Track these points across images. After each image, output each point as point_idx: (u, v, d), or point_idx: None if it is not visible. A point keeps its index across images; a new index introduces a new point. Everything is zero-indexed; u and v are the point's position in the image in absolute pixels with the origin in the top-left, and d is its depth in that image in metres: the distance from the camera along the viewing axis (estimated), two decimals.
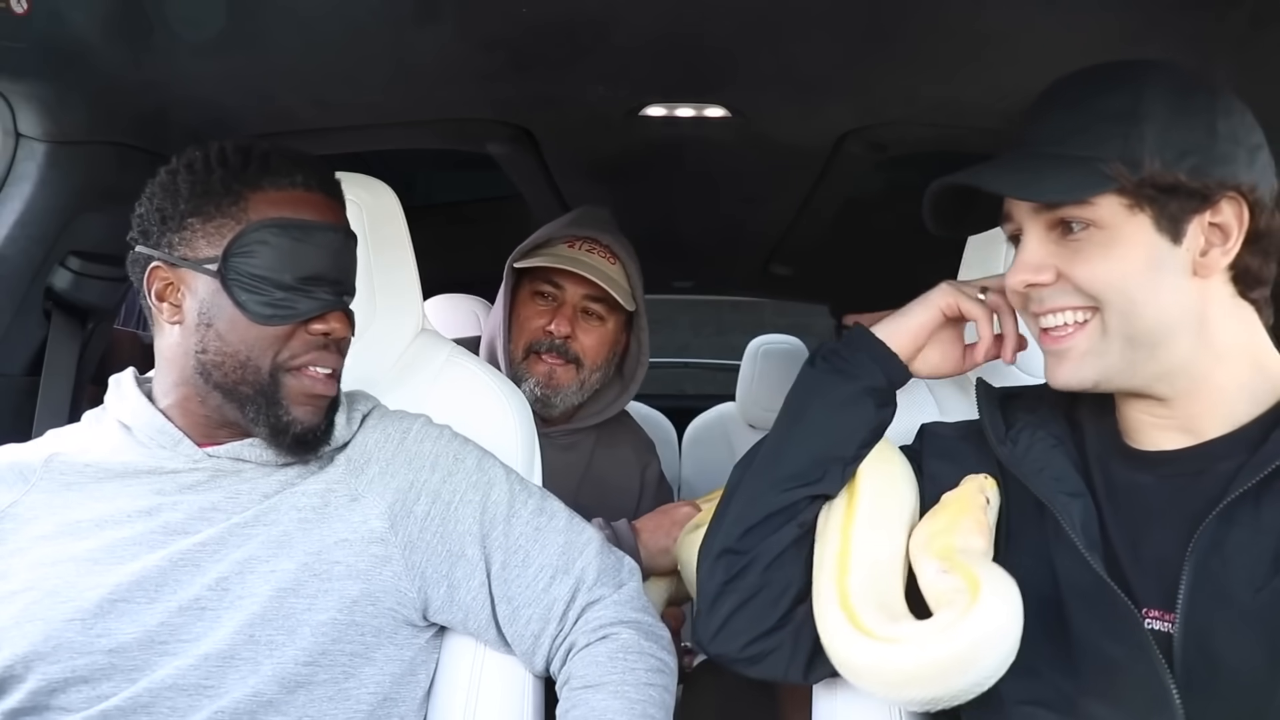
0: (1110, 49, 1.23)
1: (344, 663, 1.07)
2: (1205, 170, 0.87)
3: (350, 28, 1.20)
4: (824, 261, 2.61)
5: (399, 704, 1.12)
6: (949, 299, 1.08)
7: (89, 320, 1.47)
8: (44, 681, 0.99)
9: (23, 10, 1.04)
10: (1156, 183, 0.86)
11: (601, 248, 1.70)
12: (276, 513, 1.09)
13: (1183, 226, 0.88)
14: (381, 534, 1.11)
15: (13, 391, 1.40)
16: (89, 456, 1.10)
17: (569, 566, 1.15)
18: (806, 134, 1.61)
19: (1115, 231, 0.88)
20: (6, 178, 1.31)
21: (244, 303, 1.05)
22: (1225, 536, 0.85)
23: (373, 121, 1.55)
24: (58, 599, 1.01)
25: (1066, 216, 0.90)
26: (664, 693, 1.11)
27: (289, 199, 1.08)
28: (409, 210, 1.37)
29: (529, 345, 1.69)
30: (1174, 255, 0.88)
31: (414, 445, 1.17)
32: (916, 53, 1.27)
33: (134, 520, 1.06)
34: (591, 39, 1.25)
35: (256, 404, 1.08)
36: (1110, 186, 0.87)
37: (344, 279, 1.12)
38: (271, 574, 1.05)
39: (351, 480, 1.13)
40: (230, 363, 1.07)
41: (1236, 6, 1.10)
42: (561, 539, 1.17)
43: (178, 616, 1.02)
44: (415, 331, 1.38)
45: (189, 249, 1.07)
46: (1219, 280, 0.90)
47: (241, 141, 1.10)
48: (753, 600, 1.03)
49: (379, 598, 1.10)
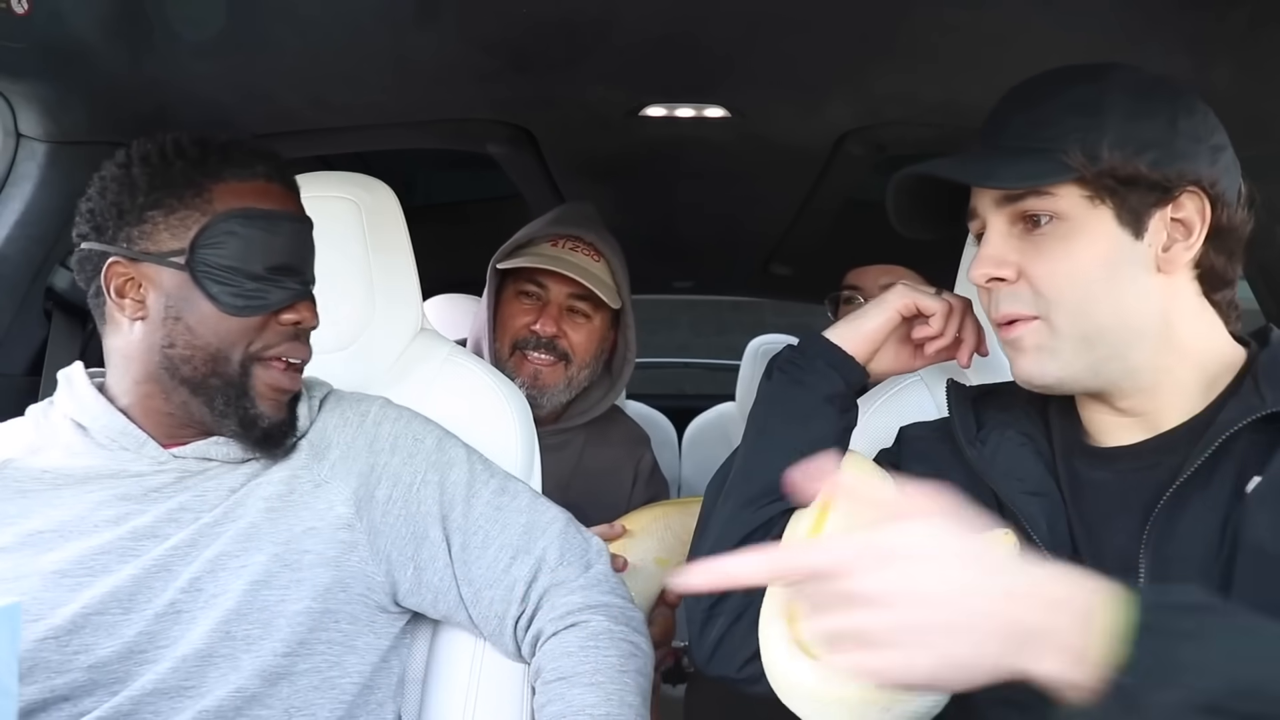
0: (1110, 49, 1.23)
1: (325, 652, 1.06)
2: (1165, 164, 0.87)
3: (350, 28, 1.20)
4: (824, 261, 2.62)
5: (376, 691, 1.12)
6: (906, 299, 1.09)
7: (89, 320, 1.46)
8: (22, 703, 0.96)
9: (23, 10, 1.04)
10: (1117, 174, 0.86)
11: (585, 245, 1.68)
12: (243, 506, 1.07)
13: (1144, 221, 0.87)
14: (348, 519, 1.10)
15: (13, 392, 1.40)
16: (44, 461, 1.07)
17: (529, 546, 1.14)
18: (806, 134, 1.62)
19: (1077, 224, 0.88)
20: (7, 178, 1.31)
21: (216, 295, 1.04)
22: (1179, 521, 0.85)
23: (373, 121, 1.55)
24: (28, 617, 0.98)
25: (1029, 210, 0.89)
26: (640, 677, 1.10)
27: (252, 190, 1.07)
28: (409, 210, 1.37)
29: (514, 343, 1.68)
30: (1136, 251, 0.88)
31: (373, 428, 1.16)
32: (916, 53, 1.27)
33: (100, 529, 1.03)
34: (591, 39, 1.25)
35: (225, 395, 1.06)
36: (1069, 175, 0.87)
37: (307, 269, 1.11)
38: (243, 569, 1.04)
39: (315, 466, 1.12)
40: (200, 356, 1.05)
41: (1236, 6, 1.10)
42: (523, 519, 1.16)
43: (155, 624, 1.01)
44: (415, 331, 1.38)
45: (150, 242, 1.04)
46: (1184, 278, 0.90)
47: (194, 133, 1.09)
48: (741, 620, 1.02)
49: (349, 584, 1.09)
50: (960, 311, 1.09)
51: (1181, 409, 0.90)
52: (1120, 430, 0.94)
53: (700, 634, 1.04)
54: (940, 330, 1.09)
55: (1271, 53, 1.18)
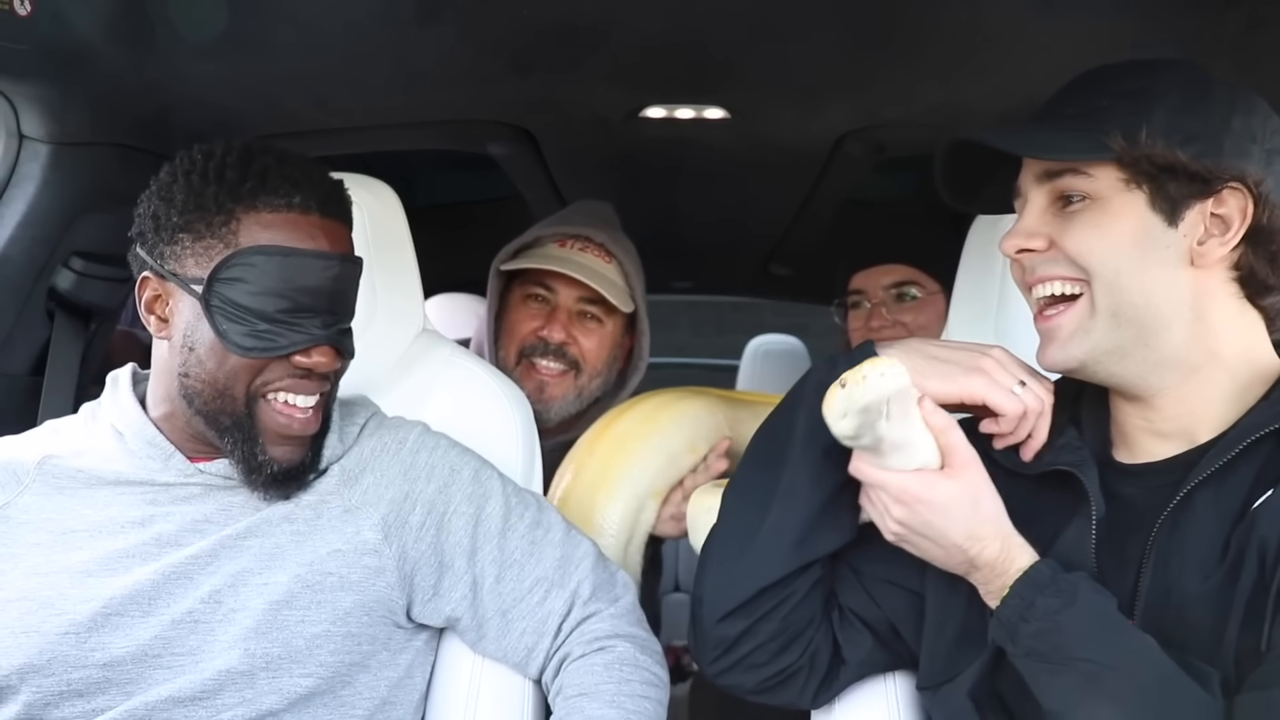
0: (1108, 50, 1.23)
1: (341, 672, 1.06)
2: (1209, 157, 0.86)
3: (352, 29, 1.21)
4: (823, 261, 2.62)
5: (396, 707, 1.12)
6: (978, 392, 0.96)
7: (92, 321, 1.47)
8: (39, 694, 0.98)
9: (26, 12, 1.05)
10: (1155, 160, 0.86)
11: (595, 246, 1.60)
12: (269, 525, 1.07)
13: (1181, 211, 0.87)
14: (375, 545, 1.09)
15: (16, 392, 1.41)
16: (82, 461, 1.08)
17: (564, 580, 1.14)
18: (805, 135, 1.62)
19: (1108, 204, 0.89)
20: (10, 179, 1.31)
21: (225, 331, 1.01)
22: (1185, 528, 0.86)
23: (374, 123, 1.56)
24: (51, 611, 1.00)
25: (1065, 188, 0.91)
26: (658, 706, 1.11)
27: (283, 221, 1.02)
28: (410, 210, 1.37)
29: (521, 350, 1.60)
30: (1167, 237, 0.88)
31: (409, 456, 1.15)
32: (915, 54, 1.27)
33: (127, 531, 1.04)
34: (592, 41, 1.25)
35: (234, 437, 1.04)
36: (1106, 155, 0.87)
37: (338, 309, 1.06)
38: (264, 586, 1.03)
39: (345, 492, 1.11)
40: (209, 390, 1.03)
41: (1235, 7, 1.11)
42: (558, 552, 1.15)
43: (171, 630, 1.01)
44: (416, 331, 1.38)
45: (178, 264, 1.03)
46: (1220, 278, 0.89)
47: (245, 151, 1.05)
48: (773, 641, 1.03)
49: (372, 608, 1.08)
50: (1035, 414, 0.96)
51: (1215, 419, 0.89)
52: (1151, 440, 0.93)
53: (726, 652, 1.04)
54: (1011, 430, 0.97)
55: (1270, 53, 1.19)
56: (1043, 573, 0.87)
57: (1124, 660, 0.81)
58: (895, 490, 0.90)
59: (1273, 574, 0.79)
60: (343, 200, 1.09)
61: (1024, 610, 0.86)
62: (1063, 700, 0.83)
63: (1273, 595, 0.79)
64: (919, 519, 0.91)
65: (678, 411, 1.49)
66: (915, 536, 0.92)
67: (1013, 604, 0.87)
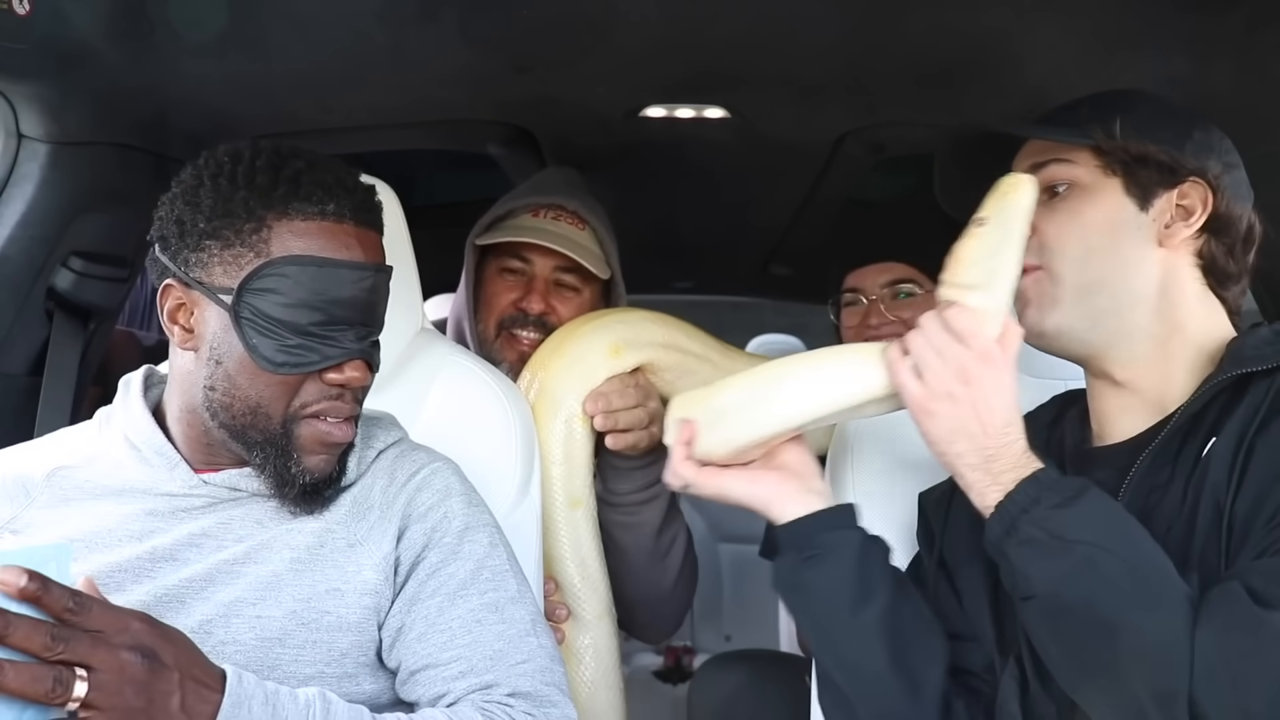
0: (1108, 50, 1.23)
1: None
2: (1176, 157, 0.97)
3: (351, 29, 1.21)
4: (824, 261, 2.62)
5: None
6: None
7: (91, 320, 1.47)
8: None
9: (25, 11, 1.04)
10: (1129, 150, 0.97)
11: (568, 214, 1.58)
12: (268, 550, 1.02)
13: (1151, 197, 0.97)
14: (375, 586, 1.03)
15: (15, 392, 1.41)
16: (91, 470, 1.05)
17: (483, 670, 1.00)
18: (805, 134, 1.62)
19: (1088, 190, 0.98)
20: (9, 178, 1.31)
21: (255, 345, 0.97)
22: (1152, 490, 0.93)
23: (373, 122, 1.56)
24: None
25: (1053, 177, 1.00)
26: None
27: (318, 230, 0.98)
28: (409, 210, 1.37)
29: (500, 321, 1.58)
30: (1138, 219, 0.97)
31: (413, 491, 1.09)
32: (915, 54, 1.27)
33: (123, 544, 1.01)
34: (592, 40, 1.25)
35: (265, 452, 1.00)
36: (1086, 140, 0.97)
37: (370, 320, 1.03)
38: (257, 620, 0.99)
39: (353, 524, 1.06)
40: (240, 406, 0.99)
41: (1234, 8, 1.11)
42: (497, 645, 1.02)
43: None
44: (415, 330, 1.38)
45: (205, 272, 0.98)
46: (1186, 262, 0.97)
47: (275, 154, 1.00)
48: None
49: (367, 648, 1.03)
50: None
51: (1182, 389, 0.96)
52: (1125, 415, 0.99)
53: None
54: None
55: (1270, 53, 1.19)
56: (1050, 473, 0.91)
57: (1122, 546, 0.85)
58: (971, 338, 0.92)
59: (1226, 513, 0.86)
60: (375, 207, 1.05)
61: (1029, 504, 0.88)
62: (1057, 582, 0.86)
63: (1223, 532, 0.86)
64: (974, 385, 0.92)
65: (600, 322, 1.47)
66: (951, 405, 0.92)
67: (1019, 499, 0.89)
